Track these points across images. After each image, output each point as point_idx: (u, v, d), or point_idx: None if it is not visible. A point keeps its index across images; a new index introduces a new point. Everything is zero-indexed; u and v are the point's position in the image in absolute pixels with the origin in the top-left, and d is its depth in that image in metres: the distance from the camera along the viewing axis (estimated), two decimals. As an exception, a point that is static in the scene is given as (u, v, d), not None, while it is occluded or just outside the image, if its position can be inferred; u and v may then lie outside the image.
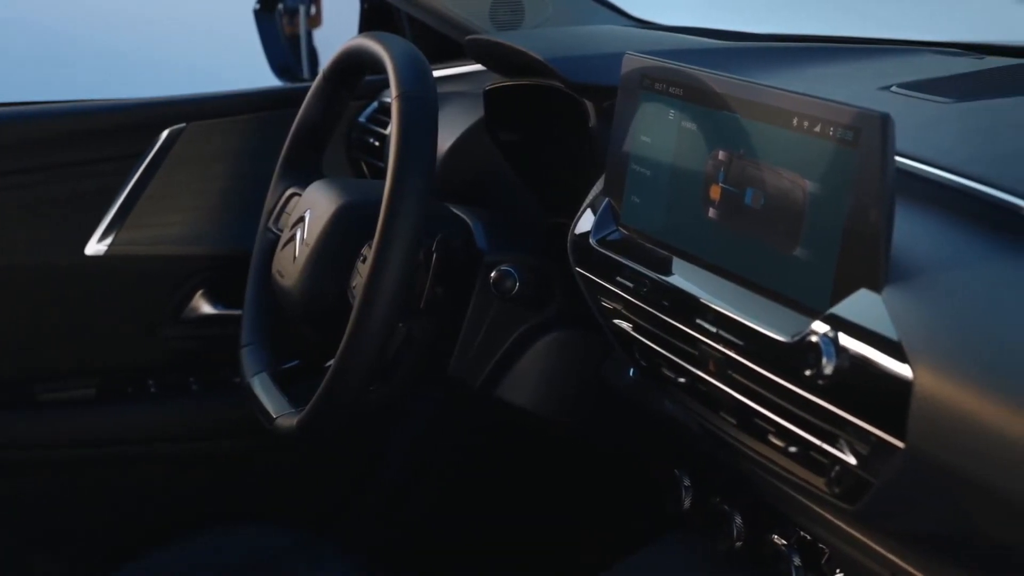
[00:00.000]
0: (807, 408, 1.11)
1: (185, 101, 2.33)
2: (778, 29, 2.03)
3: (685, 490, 1.55)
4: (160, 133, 2.29)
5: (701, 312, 1.25)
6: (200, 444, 2.36)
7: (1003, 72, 1.61)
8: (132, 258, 2.28)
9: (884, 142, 1.02)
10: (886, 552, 1.20)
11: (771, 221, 1.16)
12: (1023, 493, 0.91)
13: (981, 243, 1.07)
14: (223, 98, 2.37)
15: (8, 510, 2.29)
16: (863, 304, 1.04)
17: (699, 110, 1.27)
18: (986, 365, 0.94)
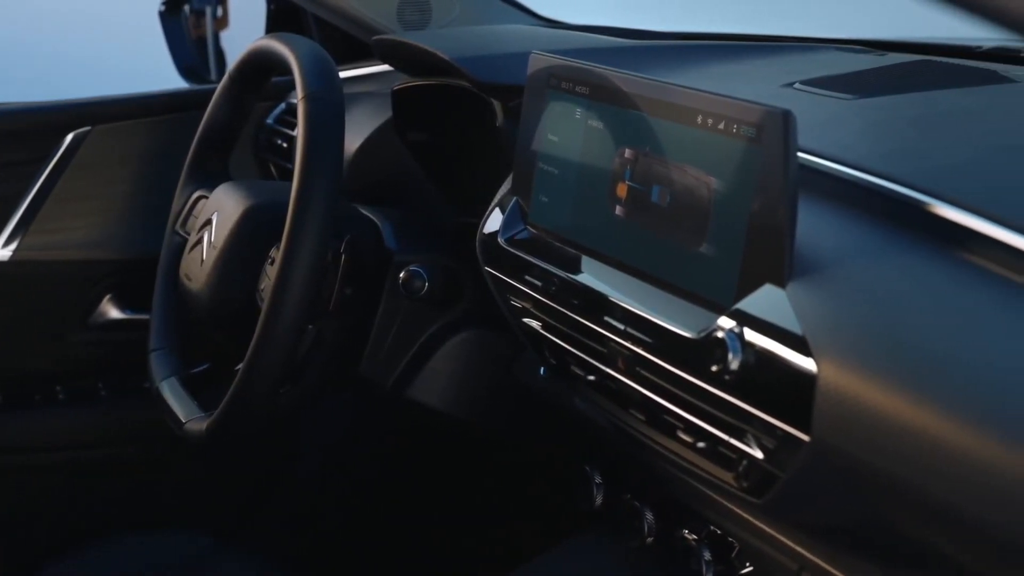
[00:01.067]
0: (714, 403, 1.12)
1: (90, 104, 2.31)
2: (684, 28, 2.04)
3: (596, 487, 1.56)
4: (64, 137, 2.26)
5: (609, 310, 1.25)
6: (109, 450, 2.34)
7: (904, 68, 1.63)
8: (38, 263, 2.25)
9: (786, 139, 1.03)
10: (794, 545, 1.21)
11: (677, 218, 1.16)
12: (925, 485, 0.92)
13: (883, 238, 1.08)
14: (128, 101, 2.35)
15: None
16: (768, 299, 1.05)
17: (606, 108, 1.27)
18: (888, 358, 0.95)
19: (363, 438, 2.38)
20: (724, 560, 1.35)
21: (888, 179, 1.14)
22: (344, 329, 1.69)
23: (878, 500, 1.00)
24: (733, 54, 1.78)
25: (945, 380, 0.92)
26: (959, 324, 0.95)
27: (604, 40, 1.93)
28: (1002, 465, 0.86)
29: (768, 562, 1.27)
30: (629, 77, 1.24)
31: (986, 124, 1.33)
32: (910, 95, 1.45)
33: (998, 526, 0.88)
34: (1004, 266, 1.00)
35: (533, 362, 1.55)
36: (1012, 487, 0.86)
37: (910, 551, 1.05)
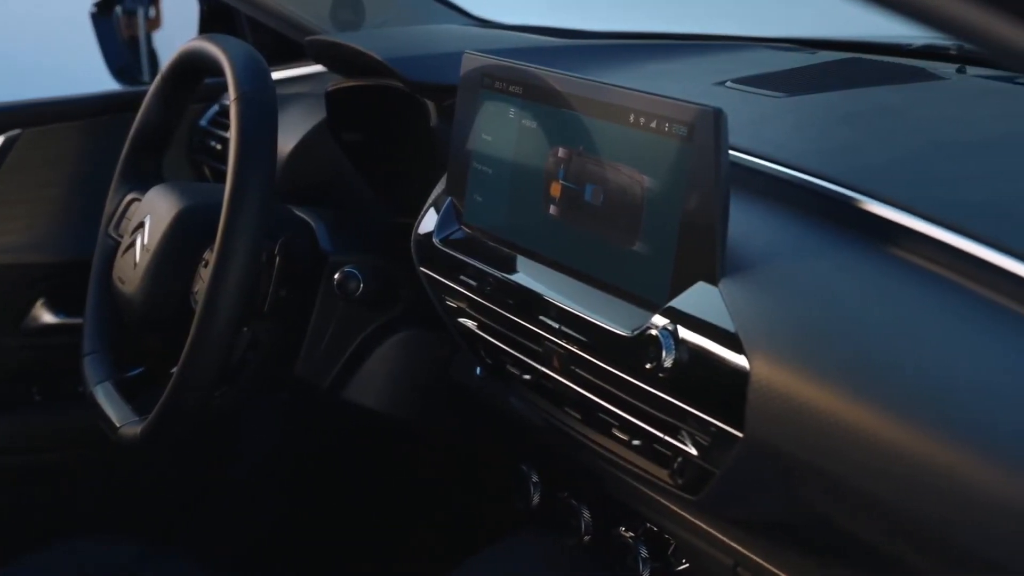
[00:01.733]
0: (649, 401, 1.13)
1: (20, 106, 2.28)
2: (617, 27, 2.05)
3: (533, 486, 1.56)
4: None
5: (544, 309, 1.25)
6: (43, 456, 2.31)
7: (835, 66, 1.64)
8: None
9: (717, 137, 1.03)
10: (730, 541, 1.22)
11: (610, 217, 1.17)
12: (856, 479, 0.93)
13: (814, 235, 1.09)
14: (60, 103, 2.32)
15: None
16: (701, 297, 1.06)
17: (539, 108, 1.27)
18: (819, 355, 0.96)
19: (299, 440, 2.38)
20: (660, 557, 1.36)
21: (819, 176, 1.14)
22: (279, 331, 1.68)
23: (811, 495, 1.01)
24: (666, 53, 1.79)
25: (876, 376, 0.92)
26: (890, 320, 0.96)
27: (538, 40, 1.94)
28: (931, 459, 0.87)
29: (704, 558, 1.27)
30: (562, 76, 1.25)
31: (915, 121, 1.34)
32: (840, 92, 1.46)
33: (928, 519, 0.89)
34: (934, 262, 1.01)
35: (469, 362, 1.55)
36: (941, 480, 0.86)
37: (844, 545, 1.06)
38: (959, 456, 0.86)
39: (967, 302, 0.96)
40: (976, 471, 0.85)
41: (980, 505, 0.85)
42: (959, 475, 0.85)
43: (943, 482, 0.86)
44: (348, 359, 1.75)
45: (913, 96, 1.45)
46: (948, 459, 0.86)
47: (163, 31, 3.02)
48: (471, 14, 2.22)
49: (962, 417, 0.87)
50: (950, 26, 0.55)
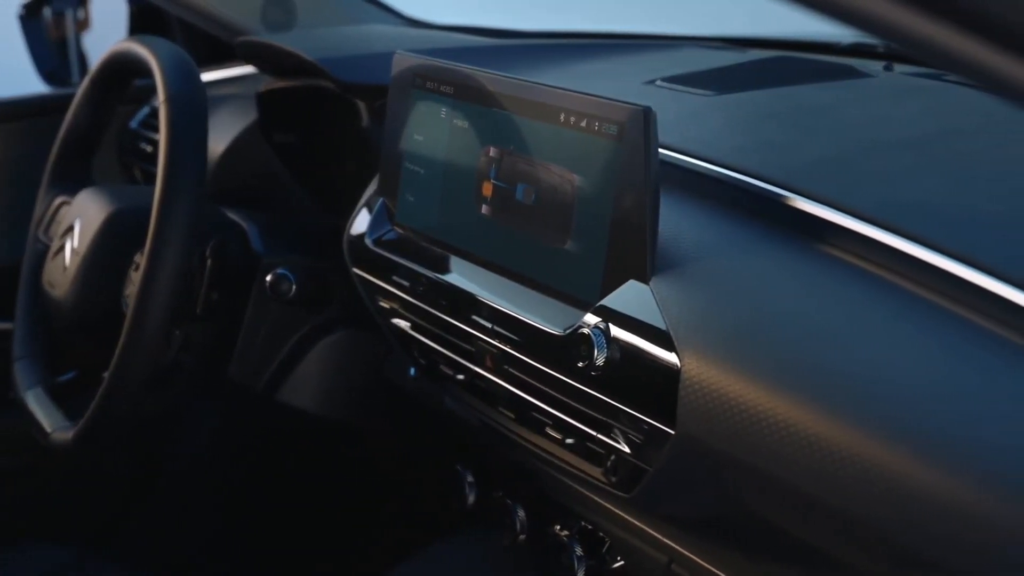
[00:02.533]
0: (582, 399, 1.13)
1: None
2: (548, 27, 2.05)
3: (469, 486, 1.56)
4: (-80, 143, 2.21)
5: (477, 308, 1.26)
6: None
7: (763, 64, 1.65)
8: None
9: (647, 135, 1.04)
10: (664, 538, 1.22)
11: (542, 216, 1.17)
12: (786, 476, 0.94)
13: (744, 232, 1.10)
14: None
15: None
16: (632, 295, 1.06)
17: (470, 108, 1.27)
18: (749, 351, 0.97)
19: (235, 442, 2.36)
20: (595, 555, 1.36)
21: (749, 174, 1.15)
22: (212, 333, 1.67)
23: (743, 491, 1.02)
24: (597, 53, 1.79)
25: (805, 372, 0.93)
26: (819, 317, 0.97)
27: (470, 40, 1.94)
28: (859, 455, 0.88)
29: (639, 556, 1.28)
30: (494, 76, 1.25)
31: (844, 118, 1.36)
32: (770, 90, 1.47)
33: (856, 514, 0.89)
34: (862, 259, 1.02)
35: (403, 362, 1.55)
36: (870, 475, 0.87)
37: (777, 541, 1.07)
38: (888, 452, 0.87)
39: (896, 298, 0.97)
40: (904, 467, 0.85)
41: (907, 501, 0.85)
42: (888, 471, 0.86)
43: (871, 478, 0.87)
44: (282, 361, 1.74)
45: (841, 94, 1.46)
46: (876, 455, 0.87)
47: (93, 33, 2.99)
48: (403, 14, 2.21)
49: (891, 413, 0.88)
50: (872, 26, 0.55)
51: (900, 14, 0.53)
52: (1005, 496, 0.81)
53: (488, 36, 1.97)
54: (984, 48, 0.51)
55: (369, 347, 1.74)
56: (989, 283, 0.92)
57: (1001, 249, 0.97)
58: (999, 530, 0.81)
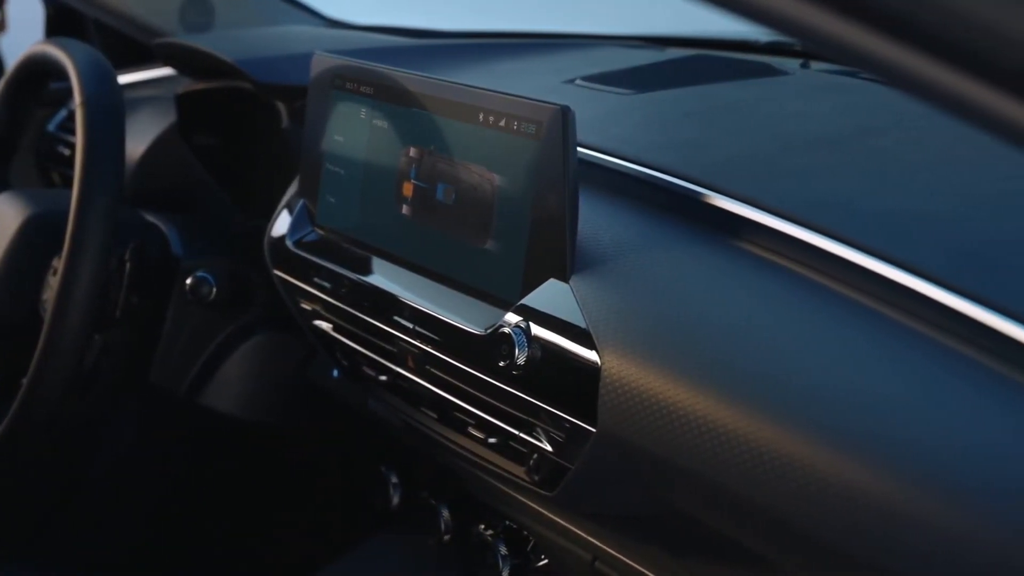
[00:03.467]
0: (503, 399, 1.13)
1: None
2: (468, 26, 2.05)
3: (393, 487, 1.56)
4: None
5: (398, 309, 1.25)
6: None
7: (682, 63, 1.66)
8: None
9: (565, 134, 1.04)
10: (587, 536, 1.22)
11: (462, 215, 1.17)
12: (706, 471, 0.94)
13: (662, 230, 1.11)
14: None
15: None
16: (552, 293, 1.07)
17: (390, 108, 1.27)
18: (668, 348, 0.97)
19: (157, 446, 2.34)
20: (520, 554, 1.36)
21: (667, 172, 1.16)
22: (132, 337, 1.66)
23: (664, 488, 1.02)
24: (516, 52, 1.79)
25: (723, 368, 0.94)
26: (736, 313, 0.98)
27: (390, 40, 1.93)
28: (777, 449, 0.89)
29: (563, 554, 1.28)
30: (413, 76, 1.25)
31: (761, 116, 1.37)
32: (688, 89, 1.48)
33: (775, 509, 0.90)
34: (779, 255, 1.03)
35: (326, 364, 1.54)
36: (788, 470, 0.88)
37: (699, 537, 1.08)
38: (805, 446, 0.87)
39: (813, 295, 0.98)
40: (820, 461, 0.86)
41: (828, 497, 0.86)
42: (806, 467, 0.87)
43: (790, 473, 0.88)
44: (204, 364, 1.73)
45: (758, 92, 1.47)
46: (794, 449, 0.88)
47: (9, 35, 2.95)
48: (323, 15, 2.20)
49: (806, 407, 0.88)
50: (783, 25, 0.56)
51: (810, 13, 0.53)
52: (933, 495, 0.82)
53: (408, 36, 1.97)
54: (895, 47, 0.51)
55: (292, 349, 1.73)
56: (904, 278, 0.93)
57: (916, 245, 0.98)
58: (929, 529, 0.81)
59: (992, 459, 0.80)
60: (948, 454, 0.82)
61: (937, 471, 0.81)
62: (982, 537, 0.79)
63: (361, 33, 2.04)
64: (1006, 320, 0.87)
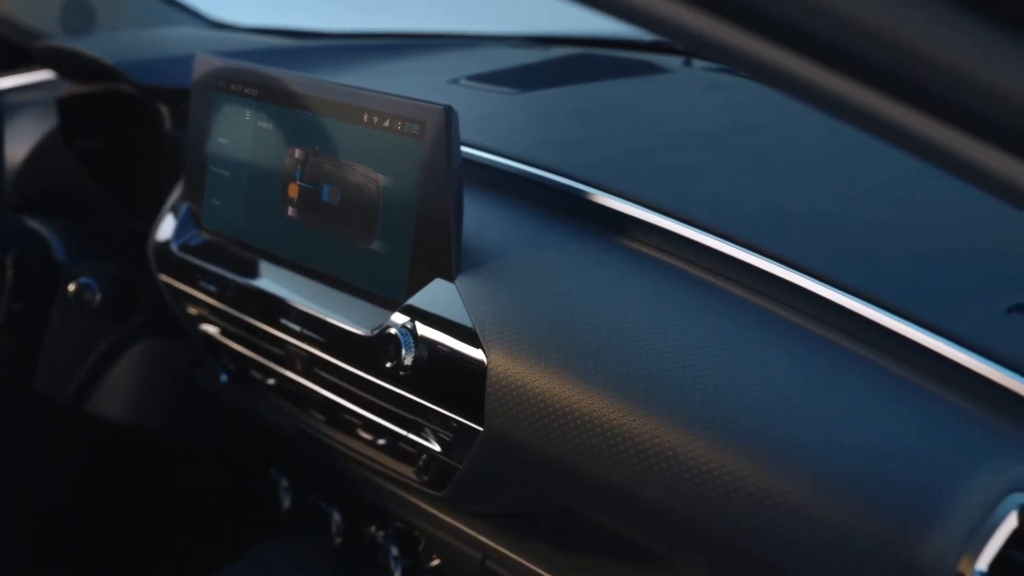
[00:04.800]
0: (391, 400, 1.13)
1: None
2: (353, 27, 2.04)
3: (283, 490, 1.55)
4: None
5: (285, 312, 1.25)
6: None
7: (566, 61, 1.67)
8: None
9: (449, 134, 1.04)
10: (477, 535, 1.23)
11: (348, 216, 1.16)
12: (591, 467, 0.95)
13: (547, 228, 1.11)
14: None
15: None
16: (438, 293, 1.07)
17: (275, 109, 1.26)
18: (552, 346, 0.98)
19: (44, 455, 2.31)
20: (411, 554, 1.36)
21: (550, 171, 1.16)
22: (16, 345, 1.63)
23: (551, 485, 1.03)
24: (402, 52, 1.79)
25: (605, 364, 0.94)
26: (619, 309, 0.98)
27: (274, 42, 1.92)
28: (663, 444, 0.89)
29: (454, 553, 1.28)
30: (297, 77, 1.24)
31: (643, 114, 1.38)
32: (572, 87, 1.49)
33: (660, 503, 0.91)
34: (661, 251, 1.04)
35: (214, 368, 1.53)
36: (669, 463, 0.89)
37: (588, 534, 1.08)
38: (687, 441, 0.88)
39: (694, 290, 0.99)
40: (701, 456, 0.87)
41: (705, 487, 0.87)
42: (687, 460, 0.88)
43: (672, 467, 0.89)
44: (90, 370, 1.71)
45: (641, 90, 1.48)
46: (676, 444, 0.89)
47: None
48: (206, 17, 2.18)
49: (689, 403, 0.89)
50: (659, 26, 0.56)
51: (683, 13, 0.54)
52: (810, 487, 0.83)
53: (293, 38, 1.96)
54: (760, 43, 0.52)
55: (179, 354, 1.71)
56: (782, 272, 0.95)
57: (793, 239, 0.99)
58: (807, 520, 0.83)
59: (864, 452, 0.82)
60: (824, 447, 0.83)
61: (813, 464, 0.83)
62: (857, 528, 0.80)
63: (245, 35, 2.02)
64: (879, 311, 0.88)
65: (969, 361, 0.83)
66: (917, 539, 0.78)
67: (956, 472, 0.79)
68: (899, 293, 0.90)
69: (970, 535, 0.75)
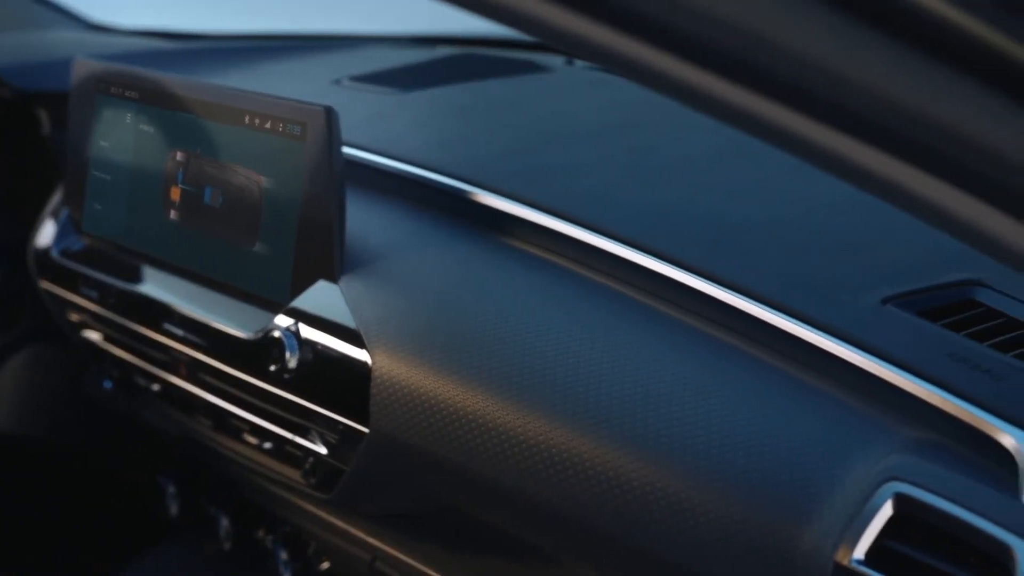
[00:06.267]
0: (276, 403, 1.12)
1: None
2: (235, 28, 2.02)
3: (171, 497, 1.53)
4: None
5: (168, 316, 1.24)
6: None
7: (449, 61, 1.67)
8: None
9: (330, 135, 1.04)
10: (366, 536, 1.23)
11: (230, 218, 1.16)
12: (476, 466, 0.95)
13: (430, 228, 1.11)
14: None
15: None
16: (322, 295, 1.06)
17: (156, 112, 1.25)
18: (435, 346, 0.98)
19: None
20: (301, 558, 1.36)
21: (434, 170, 1.16)
22: None
23: (437, 485, 1.03)
24: (284, 53, 1.78)
25: (488, 362, 0.95)
26: (502, 307, 0.98)
27: (156, 44, 1.90)
28: (543, 440, 0.90)
29: (343, 556, 1.28)
30: (179, 80, 1.23)
31: (525, 113, 1.38)
32: (455, 87, 1.49)
33: (546, 500, 0.91)
34: (543, 248, 1.04)
35: (99, 375, 1.51)
36: (554, 460, 0.89)
37: (476, 533, 1.09)
38: (571, 438, 0.89)
39: (576, 288, 0.99)
40: (585, 452, 0.88)
41: (588, 482, 0.88)
42: (571, 456, 0.88)
43: (557, 464, 0.89)
44: None
45: (524, 88, 1.49)
46: (560, 441, 0.89)
47: None
48: (86, 20, 2.14)
49: (572, 401, 0.90)
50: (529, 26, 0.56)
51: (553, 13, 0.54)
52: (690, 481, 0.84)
53: (175, 40, 1.94)
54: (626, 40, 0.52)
55: (64, 361, 1.69)
56: (666, 269, 0.95)
57: (675, 237, 1.00)
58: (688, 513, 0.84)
59: (744, 445, 0.83)
60: (704, 442, 0.84)
61: (694, 458, 0.84)
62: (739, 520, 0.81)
63: (125, 37, 1.99)
64: (758, 306, 0.90)
65: (845, 353, 0.85)
66: (796, 530, 0.79)
67: (833, 463, 0.80)
68: (777, 288, 0.91)
69: (847, 525, 0.77)
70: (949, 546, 0.74)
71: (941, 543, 0.74)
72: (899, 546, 0.75)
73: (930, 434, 0.80)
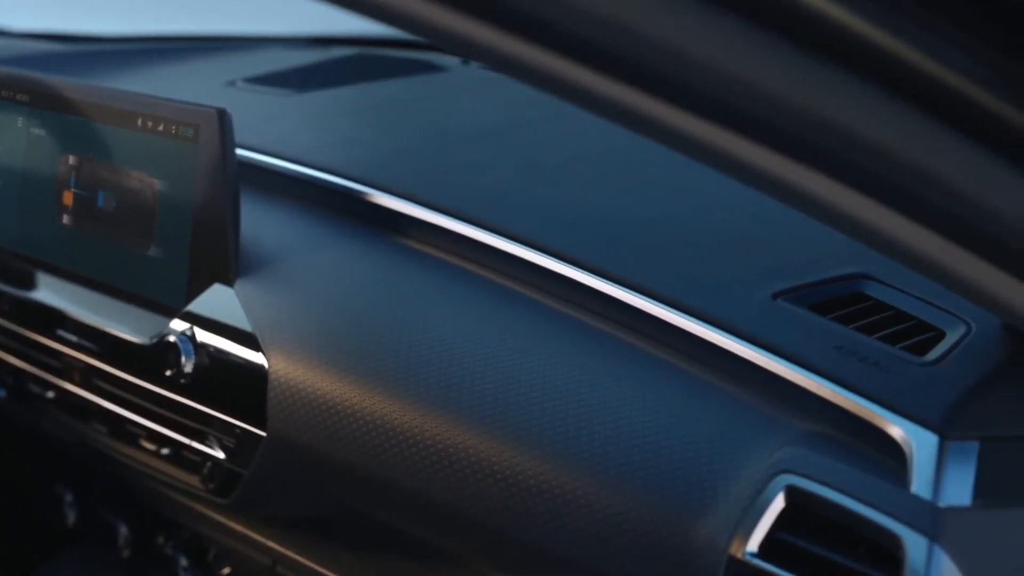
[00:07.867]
0: (173, 408, 1.11)
1: None
2: (129, 30, 2.00)
3: (68, 505, 1.51)
4: None
5: (61, 322, 1.22)
6: None
7: (344, 61, 1.67)
8: None
9: (223, 136, 1.03)
10: (266, 540, 1.22)
11: (124, 222, 1.14)
12: (374, 468, 0.95)
13: (324, 229, 1.11)
14: None
15: None
16: (217, 299, 1.06)
17: (48, 115, 1.23)
18: (331, 347, 0.98)
19: None
20: (201, 564, 1.35)
21: (328, 171, 1.16)
22: None
23: (336, 487, 1.03)
24: (178, 55, 1.77)
25: (385, 362, 0.95)
26: (397, 307, 0.99)
27: (47, 47, 1.87)
28: (440, 440, 0.90)
29: (243, 560, 1.27)
30: (71, 83, 1.21)
31: (420, 112, 1.39)
32: (350, 87, 1.49)
33: (446, 500, 0.91)
34: (437, 248, 1.05)
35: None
36: (452, 460, 0.90)
37: (377, 534, 1.08)
38: (467, 437, 0.89)
39: (472, 286, 1.00)
40: (483, 451, 0.88)
41: (488, 481, 0.88)
42: (469, 455, 0.89)
43: (455, 463, 0.89)
44: None
45: (419, 88, 1.49)
46: (456, 440, 0.89)
47: None
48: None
49: (466, 397, 0.90)
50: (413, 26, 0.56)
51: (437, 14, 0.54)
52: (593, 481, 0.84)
53: (66, 42, 1.91)
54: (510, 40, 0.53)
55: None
56: (561, 268, 0.96)
57: (569, 235, 1.01)
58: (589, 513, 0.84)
59: (640, 442, 0.84)
60: (601, 440, 0.84)
61: (590, 457, 0.84)
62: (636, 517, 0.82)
63: (16, 40, 1.97)
64: (652, 302, 0.90)
65: (737, 348, 0.86)
66: (691, 525, 0.80)
67: (727, 457, 0.81)
68: (671, 284, 0.92)
69: (741, 518, 0.77)
70: (841, 537, 0.75)
71: (833, 534, 0.75)
72: (792, 538, 0.76)
73: (822, 427, 0.81)
